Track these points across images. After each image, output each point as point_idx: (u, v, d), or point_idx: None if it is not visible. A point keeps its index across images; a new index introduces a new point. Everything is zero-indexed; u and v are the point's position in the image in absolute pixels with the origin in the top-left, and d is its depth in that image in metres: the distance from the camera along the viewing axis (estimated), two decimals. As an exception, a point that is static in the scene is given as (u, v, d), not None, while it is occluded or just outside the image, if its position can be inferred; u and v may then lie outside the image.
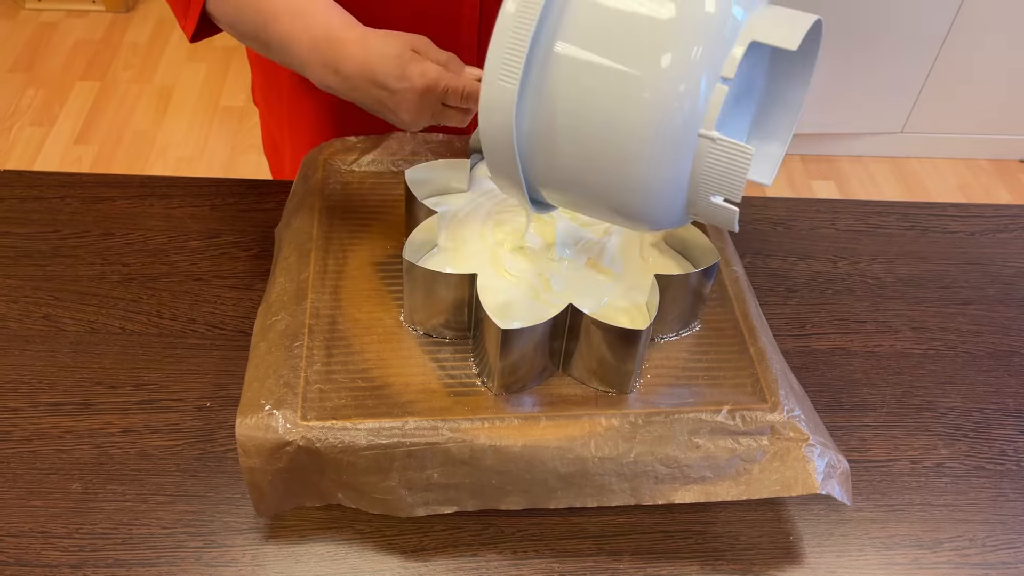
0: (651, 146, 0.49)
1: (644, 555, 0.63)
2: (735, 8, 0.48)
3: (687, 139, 0.49)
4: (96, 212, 0.84)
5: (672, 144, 0.49)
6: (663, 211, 0.53)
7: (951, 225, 0.91)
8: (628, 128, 0.49)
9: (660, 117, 0.48)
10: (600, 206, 0.55)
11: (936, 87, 2.12)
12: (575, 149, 0.51)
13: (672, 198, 0.52)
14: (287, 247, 0.70)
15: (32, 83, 2.29)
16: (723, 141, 0.48)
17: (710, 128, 0.48)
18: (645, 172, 0.50)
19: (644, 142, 0.49)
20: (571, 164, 0.52)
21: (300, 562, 0.61)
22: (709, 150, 0.49)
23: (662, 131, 0.48)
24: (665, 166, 0.50)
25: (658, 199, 0.52)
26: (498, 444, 0.58)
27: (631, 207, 0.53)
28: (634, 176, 0.50)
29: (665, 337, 0.66)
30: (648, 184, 0.51)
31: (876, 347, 0.78)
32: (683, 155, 0.50)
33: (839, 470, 0.60)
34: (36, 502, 0.63)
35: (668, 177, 0.50)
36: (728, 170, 0.49)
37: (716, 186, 0.50)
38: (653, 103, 0.48)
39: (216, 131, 2.20)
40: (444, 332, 0.64)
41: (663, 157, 0.50)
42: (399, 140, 0.80)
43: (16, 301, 0.75)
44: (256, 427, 0.57)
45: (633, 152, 0.49)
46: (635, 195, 0.52)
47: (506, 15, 0.49)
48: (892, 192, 2.19)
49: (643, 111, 0.48)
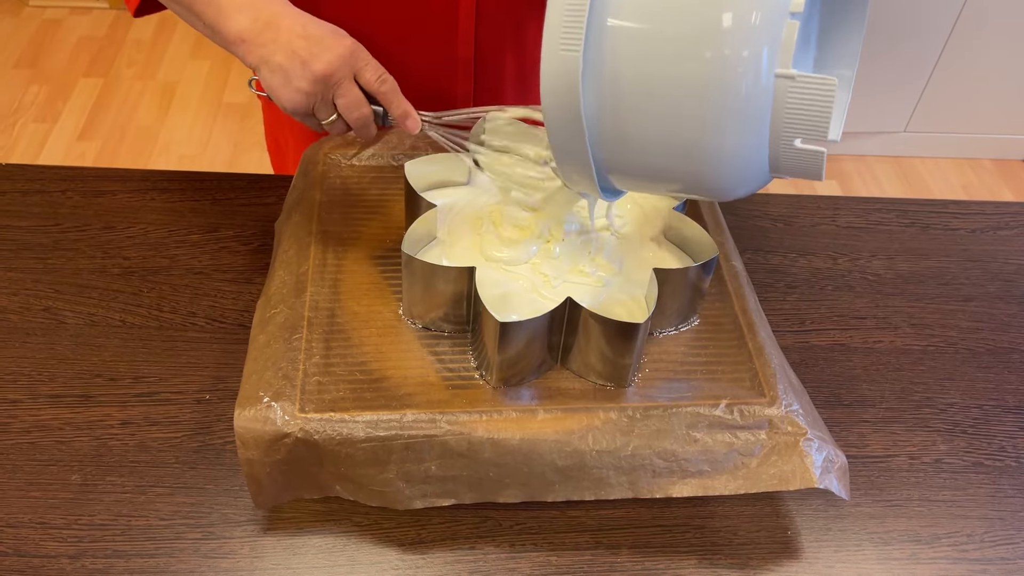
0: (723, 108, 0.47)
1: (642, 549, 0.63)
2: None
3: (764, 85, 0.47)
4: (97, 206, 0.84)
5: (749, 96, 0.47)
6: (746, 171, 0.50)
7: (952, 222, 0.91)
8: (702, 88, 0.47)
9: (732, 71, 0.46)
10: (677, 180, 0.52)
11: (939, 86, 2.11)
12: (647, 123, 0.49)
13: (753, 157, 0.50)
14: (287, 240, 0.70)
15: (36, 79, 2.30)
16: (803, 77, 0.46)
17: (787, 66, 0.46)
18: (722, 135, 0.48)
19: (715, 103, 0.47)
20: (644, 139, 0.50)
21: (298, 554, 0.61)
22: (789, 90, 0.47)
23: (737, 85, 0.47)
24: (742, 123, 0.48)
25: (739, 162, 0.50)
26: (496, 437, 0.58)
27: (712, 174, 0.50)
28: (713, 139, 0.48)
29: (664, 331, 0.66)
30: (727, 149, 0.49)
31: (876, 343, 0.78)
32: (762, 103, 0.47)
33: (837, 464, 0.60)
34: (35, 493, 0.63)
35: (746, 134, 0.48)
36: (812, 107, 0.47)
37: (800, 127, 0.48)
38: (721, 59, 0.46)
39: (219, 128, 2.20)
40: (443, 325, 0.64)
41: (742, 110, 0.47)
42: (399, 135, 0.80)
43: (17, 294, 0.76)
44: (255, 419, 0.57)
45: (707, 117, 0.48)
46: (716, 160, 0.49)
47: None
48: (895, 191, 2.18)
49: (714, 67, 0.47)
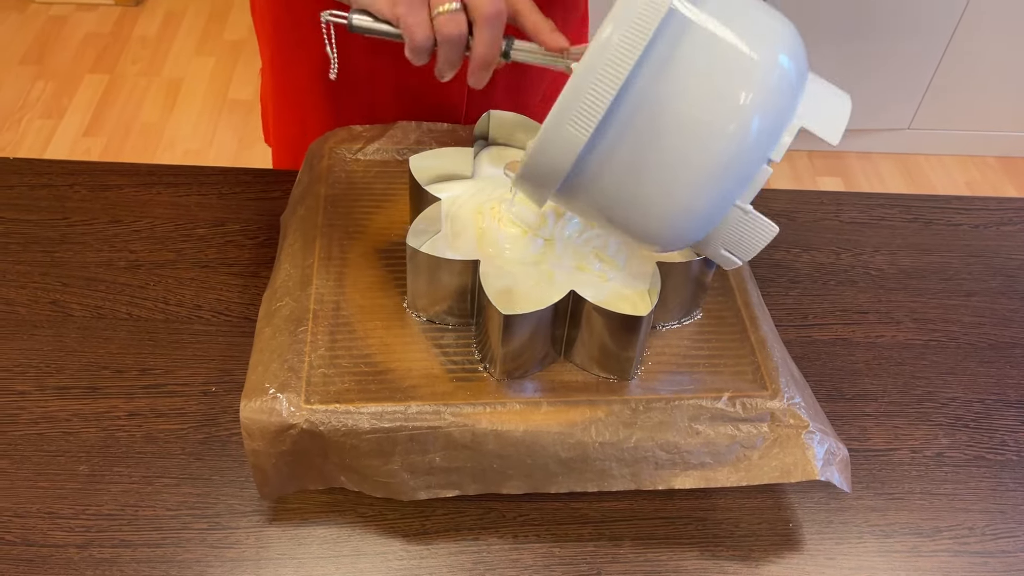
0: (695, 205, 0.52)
1: (644, 540, 0.63)
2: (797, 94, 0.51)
3: (721, 208, 0.52)
4: (104, 200, 0.85)
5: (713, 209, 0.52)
6: (671, 246, 0.56)
7: (955, 218, 0.91)
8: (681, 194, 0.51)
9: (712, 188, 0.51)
10: (617, 228, 0.56)
11: (943, 83, 2.11)
12: (618, 187, 0.52)
13: (686, 241, 0.55)
14: (292, 234, 0.71)
15: (42, 76, 2.31)
16: (753, 215, 0.52)
17: (747, 202, 0.51)
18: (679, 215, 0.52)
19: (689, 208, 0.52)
20: (606, 196, 0.53)
21: (303, 544, 0.61)
22: (738, 219, 0.52)
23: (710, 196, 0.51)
24: (698, 218, 0.53)
25: (674, 241, 0.55)
26: (500, 429, 0.59)
27: (650, 234, 0.55)
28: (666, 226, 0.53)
29: (667, 325, 0.67)
30: (673, 232, 0.54)
31: (878, 338, 0.78)
32: (714, 220, 0.53)
33: (838, 457, 0.61)
34: (43, 483, 0.63)
35: (696, 225, 0.53)
36: (749, 239, 0.53)
37: (732, 246, 0.55)
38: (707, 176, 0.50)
39: (224, 124, 2.21)
40: (447, 318, 0.65)
41: (700, 213, 0.52)
42: (404, 129, 0.80)
43: (24, 286, 0.76)
44: (260, 410, 0.58)
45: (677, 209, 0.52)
46: (654, 232, 0.54)
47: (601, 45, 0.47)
48: (898, 189, 2.18)
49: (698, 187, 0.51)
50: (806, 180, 2.19)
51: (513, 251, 0.67)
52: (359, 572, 0.60)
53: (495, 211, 0.70)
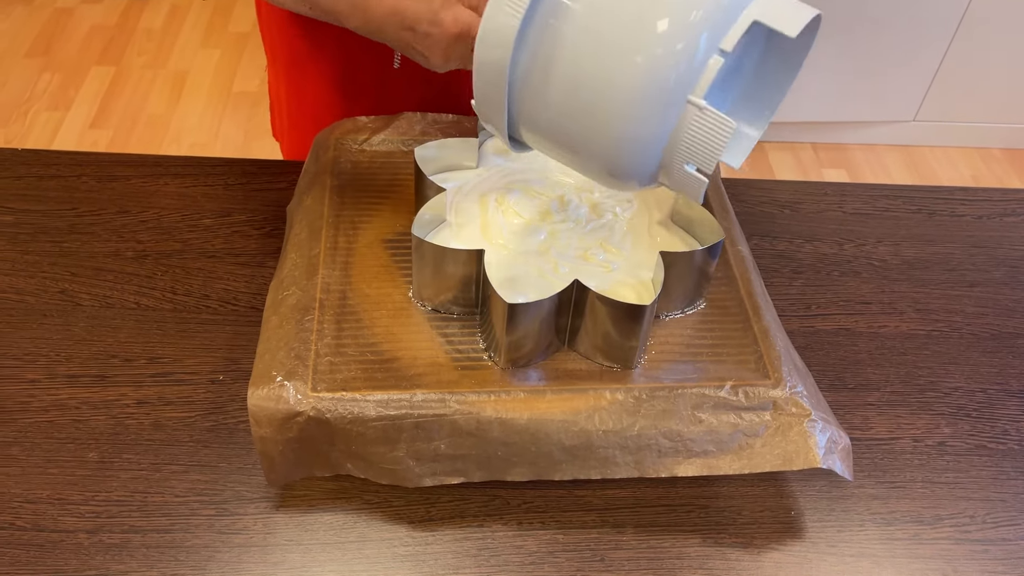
0: (638, 106, 0.50)
1: (647, 527, 0.64)
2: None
3: (675, 101, 0.49)
4: (112, 190, 0.85)
5: (659, 105, 0.49)
6: (635, 169, 0.54)
7: (958, 209, 0.91)
8: (620, 86, 0.49)
9: (652, 77, 0.49)
10: (576, 155, 0.55)
11: (949, 75, 2.11)
12: (564, 96, 0.51)
13: (647, 158, 0.53)
14: (299, 224, 0.72)
15: (48, 68, 2.31)
16: (709, 111, 0.49)
17: (699, 96, 0.49)
18: (627, 129, 0.51)
19: (632, 101, 0.50)
20: (557, 109, 0.52)
21: (309, 531, 0.62)
22: (694, 118, 0.49)
23: (652, 91, 0.49)
24: (648, 125, 0.51)
25: (633, 157, 0.53)
26: (504, 417, 0.59)
27: (605, 160, 0.53)
28: (616, 131, 0.51)
29: (670, 314, 0.67)
30: (627, 141, 0.51)
31: (881, 328, 0.79)
32: (668, 117, 0.50)
33: (840, 445, 0.61)
34: (53, 470, 0.64)
35: (648, 137, 0.51)
36: (707, 141, 0.50)
37: (692, 154, 0.51)
38: (645, 65, 0.49)
39: (230, 116, 2.21)
40: (452, 308, 0.65)
41: (648, 115, 0.50)
42: (409, 120, 0.81)
43: (34, 276, 0.77)
44: (267, 398, 0.58)
45: (620, 109, 0.50)
46: (612, 150, 0.52)
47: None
48: (903, 181, 2.18)
49: (635, 73, 0.49)
50: (811, 172, 2.18)
51: (517, 241, 0.67)
52: (365, 558, 0.61)
53: (500, 201, 0.70)
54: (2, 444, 0.65)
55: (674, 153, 0.52)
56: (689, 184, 0.53)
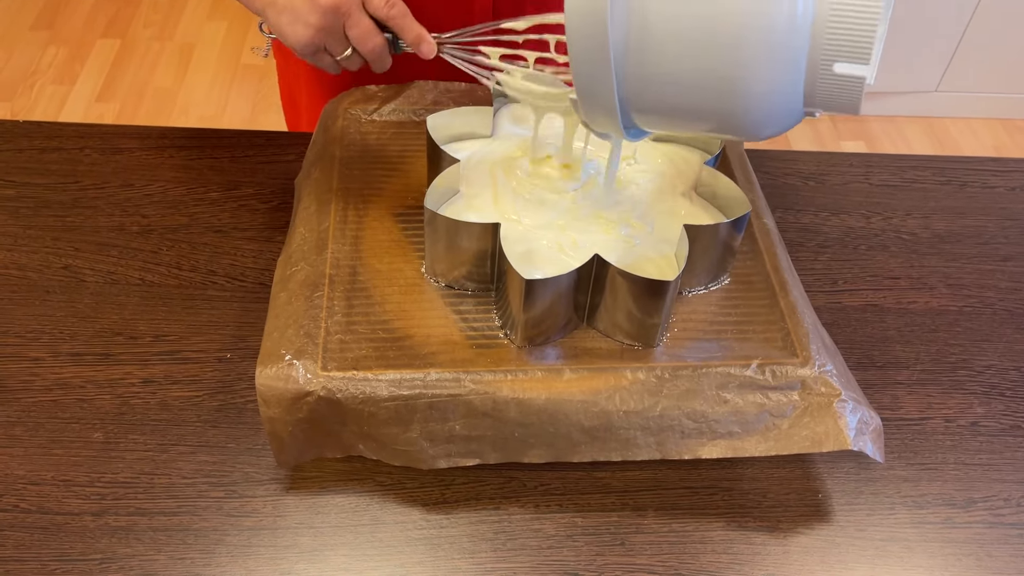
0: (763, 25, 0.44)
1: (669, 511, 0.62)
2: None
3: (804, 6, 0.44)
4: (115, 163, 0.83)
5: (789, 17, 0.44)
6: (779, 106, 0.47)
7: (990, 180, 0.88)
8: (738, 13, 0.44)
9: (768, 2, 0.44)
10: (706, 118, 0.49)
11: (972, 44, 2.05)
12: (677, 56, 0.46)
13: (790, 86, 0.46)
14: (307, 197, 0.69)
15: (53, 41, 2.28)
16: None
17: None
18: (760, 55, 0.45)
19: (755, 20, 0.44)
20: (673, 74, 0.47)
21: (321, 513, 0.60)
22: (832, 10, 0.44)
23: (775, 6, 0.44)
24: (782, 45, 0.45)
25: (774, 92, 0.47)
26: (521, 397, 0.57)
27: (743, 110, 0.47)
28: (747, 70, 0.45)
29: (693, 290, 0.65)
30: (763, 77, 0.46)
31: (910, 304, 0.76)
32: (801, 26, 0.44)
33: (872, 426, 0.59)
34: (58, 451, 0.62)
35: (784, 55, 0.45)
36: (854, 28, 0.44)
37: (841, 51, 0.45)
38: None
39: (237, 89, 2.18)
40: (466, 283, 0.63)
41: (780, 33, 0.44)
42: (420, 89, 0.78)
43: (36, 251, 0.75)
44: (276, 377, 0.56)
45: (744, 35, 0.45)
46: (748, 95, 0.46)
47: None
48: (924, 152, 2.13)
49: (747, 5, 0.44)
50: (829, 144, 2.14)
51: (532, 214, 0.65)
52: (378, 541, 0.59)
53: (511, 171, 0.67)
54: (5, 424, 0.64)
55: (818, 60, 0.45)
56: (845, 90, 0.46)
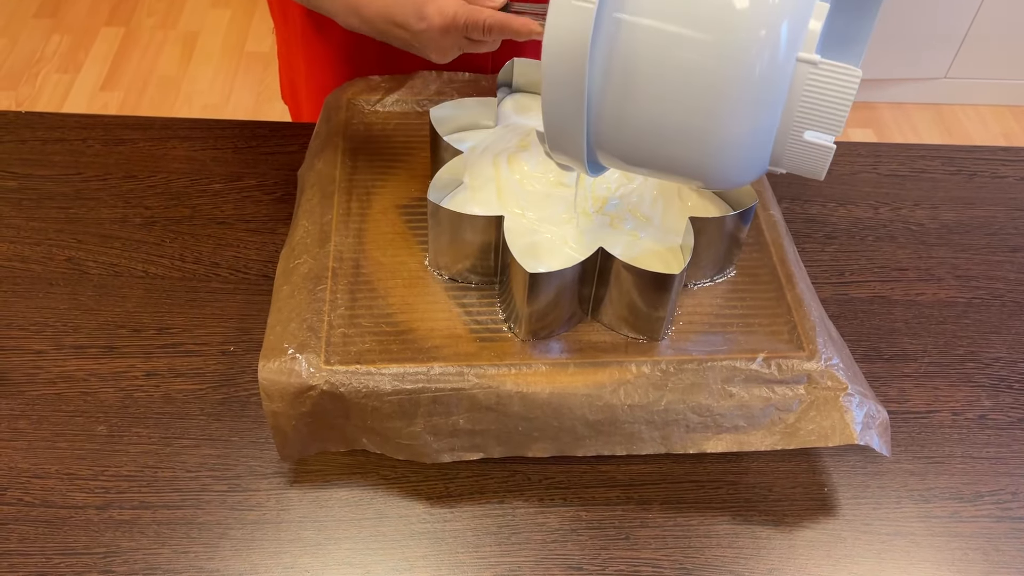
0: (737, 86, 0.44)
1: (674, 504, 0.61)
2: None
3: (781, 69, 0.44)
4: (118, 154, 0.83)
5: (764, 79, 0.44)
6: (746, 161, 0.47)
7: (1000, 169, 0.87)
8: (716, 65, 0.44)
9: (748, 51, 0.43)
10: (671, 164, 0.49)
11: (982, 31, 2.03)
12: (649, 104, 0.46)
13: (758, 144, 0.47)
14: (310, 189, 0.69)
15: (57, 29, 2.28)
16: (826, 64, 0.43)
17: (810, 50, 0.43)
18: (730, 116, 0.45)
19: (730, 81, 0.44)
20: (643, 121, 0.47)
21: (325, 507, 0.60)
22: (809, 77, 0.44)
23: (750, 65, 0.43)
24: (754, 104, 0.45)
25: (743, 147, 0.47)
26: (525, 391, 0.57)
27: (710, 163, 0.47)
28: (720, 124, 0.45)
29: (699, 283, 0.64)
30: (734, 133, 0.46)
31: (918, 295, 0.75)
32: (777, 89, 0.44)
33: (878, 420, 0.58)
34: (62, 444, 0.62)
35: (757, 117, 0.45)
36: (831, 98, 0.44)
37: (814, 119, 0.45)
38: (737, 38, 0.43)
39: (241, 78, 2.17)
40: (470, 277, 0.62)
41: (753, 94, 0.44)
42: (424, 79, 0.77)
43: (39, 243, 0.75)
44: (279, 371, 0.56)
45: (718, 94, 0.44)
46: (717, 149, 0.46)
47: None
48: (933, 140, 2.12)
49: (723, 64, 0.44)
50: (837, 132, 2.13)
51: (534, 207, 0.64)
52: (381, 535, 0.59)
53: (513, 162, 0.67)
54: (9, 417, 0.64)
55: (791, 126, 0.45)
56: (813, 157, 0.46)
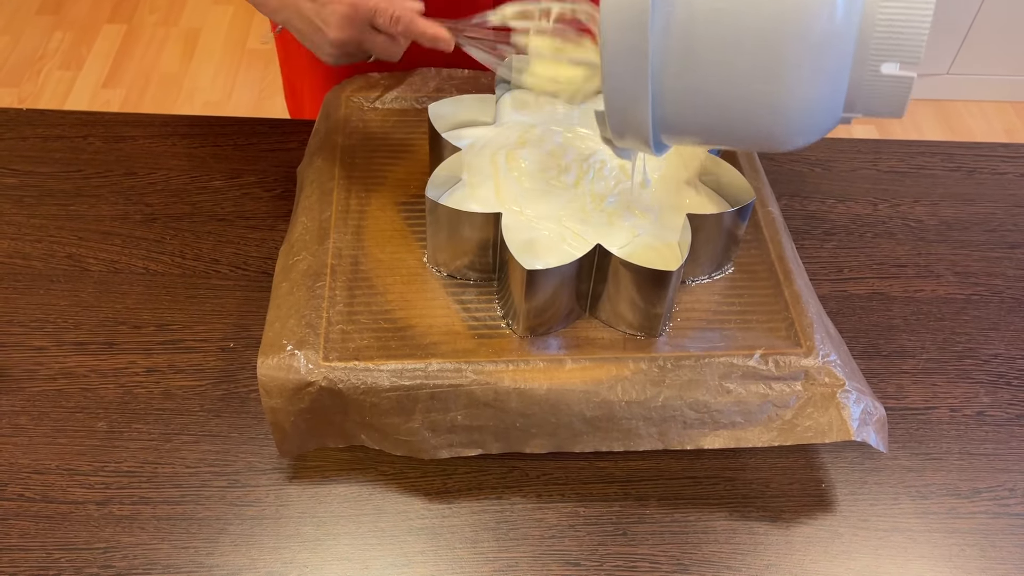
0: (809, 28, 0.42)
1: (671, 500, 0.61)
2: None
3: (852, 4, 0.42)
4: (119, 152, 0.83)
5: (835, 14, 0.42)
6: (818, 113, 0.46)
7: (1000, 166, 0.87)
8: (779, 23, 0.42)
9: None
10: (742, 134, 0.48)
11: (985, 26, 2.03)
12: (718, 70, 0.44)
13: (834, 85, 0.45)
14: (309, 186, 0.69)
15: (59, 26, 2.28)
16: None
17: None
18: (804, 57, 0.43)
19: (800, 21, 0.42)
20: (715, 79, 0.45)
21: (323, 503, 0.60)
22: (882, 6, 0.42)
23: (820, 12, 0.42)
24: (828, 44, 0.43)
25: (818, 93, 0.45)
26: (523, 387, 0.57)
27: (784, 115, 0.45)
28: (791, 67, 0.43)
29: (697, 280, 0.64)
30: (806, 81, 0.44)
31: (917, 292, 0.75)
32: (849, 23, 0.42)
33: (875, 417, 0.58)
34: (62, 440, 0.63)
35: (831, 57, 0.43)
36: (907, 23, 0.41)
37: (891, 50, 0.42)
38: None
39: (243, 75, 2.17)
40: (468, 273, 0.63)
41: (825, 33, 0.42)
42: (423, 76, 0.77)
43: (40, 240, 0.75)
44: (278, 367, 0.56)
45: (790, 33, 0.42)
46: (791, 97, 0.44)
47: None
48: (935, 137, 2.11)
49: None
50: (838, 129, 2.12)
51: (532, 205, 0.64)
52: (380, 531, 0.59)
53: (511, 160, 0.67)
54: (10, 413, 0.64)
55: (866, 60, 0.43)
56: (891, 92, 0.44)
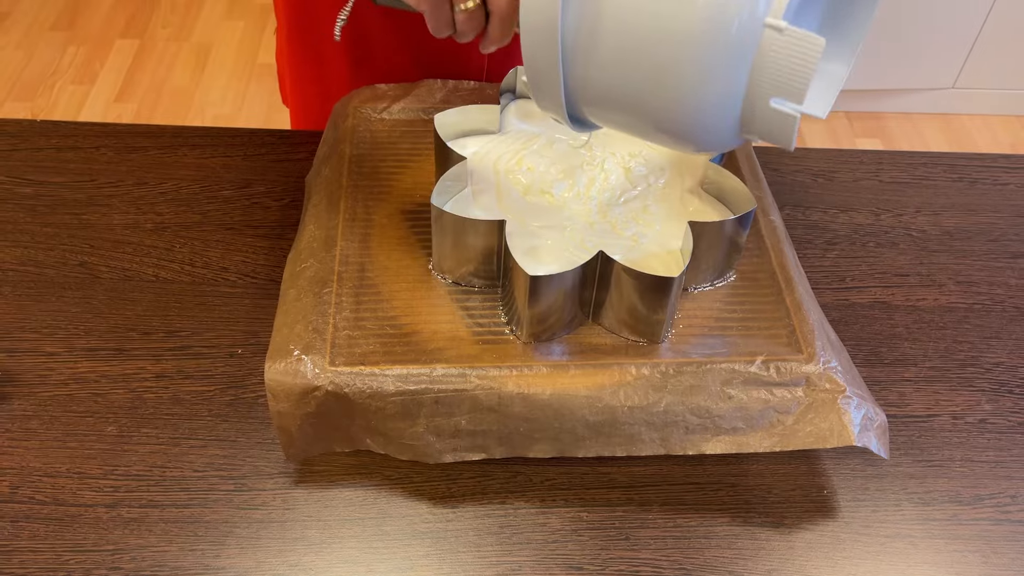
0: (705, 45, 0.45)
1: (674, 506, 0.62)
2: None
3: (748, 33, 0.45)
4: (130, 162, 0.84)
5: (730, 41, 0.45)
6: (714, 123, 0.49)
7: (1002, 177, 0.88)
8: (681, 23, 0.45)
9: (718, 9, 0.45)
10: (645, 119, 0.51)
11: (990, 40, 2.04)
12: (620, 54, 0.47)
13: (725, 106, 0.48)
14: (317, 194, 0.70)
15: (73, 41, 2.31)
16: (791, 31, 0.44)
17: (778, 16, 0.44)
18: (697, 74, 0.46)
19: (698, 39, 0.45)
20: (616, 71, 0.48)
21: (329, 506, 0.61)
22: (774, 43, 0.45)
23: (719, 25, 0.45)
24: (720, 66, 0.46)
25: (710, 108, 0.48)
26: (526, 392, 0.57)
27: (678, 118, 0.49)
28: (685, 80, 0.47)
29: (699, 287, 0.65)
30: (700, 90, 0.47)
31: (919, 301, 0.76)
32: (743, 52, 0.45)
33: (876, 423, 0.59)
34: (72, 443, 0.64)
35: (723, 79, 0.46)
36: (794, 65, 0.45)
37: (778, 85, 0.46)
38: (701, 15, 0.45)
39: (254, 89, 2.20)
40: (473, 280, 0.63)
41: (719, 55, 0.46)
42: (429, 88, 0.79)
43: (53, 248, 0.76)
44: (285, 372, 0.57)
45: (685, 52, 0.46)
46: (685, 103, 0.48)
47: None
48: (940, 150, 2.12)
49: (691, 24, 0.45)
50: (844, 142, 2.13)
51: (533, 215, 0.65)
52: (385, 535, 0.60)
53: (511, 171, 0.68)
54: (22, 417, 0.65)
55: (757, 92, 0.47)
56: (778, 124, 0.47)
